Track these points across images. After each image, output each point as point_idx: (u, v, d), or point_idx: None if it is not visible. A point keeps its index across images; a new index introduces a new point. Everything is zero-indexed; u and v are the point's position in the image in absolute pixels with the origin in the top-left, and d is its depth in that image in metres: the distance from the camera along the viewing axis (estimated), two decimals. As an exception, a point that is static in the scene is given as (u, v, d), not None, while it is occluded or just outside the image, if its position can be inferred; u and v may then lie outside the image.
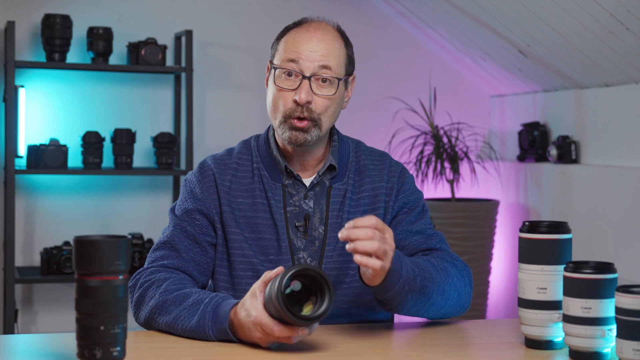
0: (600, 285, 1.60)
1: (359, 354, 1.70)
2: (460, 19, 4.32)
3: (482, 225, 4.46)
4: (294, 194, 1.98)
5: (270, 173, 1.99)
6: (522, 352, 1.71)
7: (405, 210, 2.01)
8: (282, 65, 1.94)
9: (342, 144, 2.04)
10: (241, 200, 1.97)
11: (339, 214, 1.97)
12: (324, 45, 1.94)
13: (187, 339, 1.78)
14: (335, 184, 1.99)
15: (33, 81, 4.40)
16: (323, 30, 1.97)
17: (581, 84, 4.17)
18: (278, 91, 1.95)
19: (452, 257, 1.95)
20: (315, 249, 1.95)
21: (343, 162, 2.02)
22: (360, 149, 2.07)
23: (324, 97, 1.93)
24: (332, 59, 1.94)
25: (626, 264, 3.57)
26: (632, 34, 3.45)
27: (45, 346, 1.72)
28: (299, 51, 1.93)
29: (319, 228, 1.96)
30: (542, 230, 1.70)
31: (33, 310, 4.45)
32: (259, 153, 2.02)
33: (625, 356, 1.53)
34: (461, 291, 1.91)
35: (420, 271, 1.80)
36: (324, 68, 1.93)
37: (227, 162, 2.01)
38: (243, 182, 1.99)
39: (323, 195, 1.98)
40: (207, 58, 4.67)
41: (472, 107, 5.04)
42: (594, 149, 4.10)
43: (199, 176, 2.00)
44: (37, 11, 4.39)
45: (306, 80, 1.92)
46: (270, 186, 1.98)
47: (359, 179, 2.01)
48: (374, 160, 2.05)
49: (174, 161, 4.39)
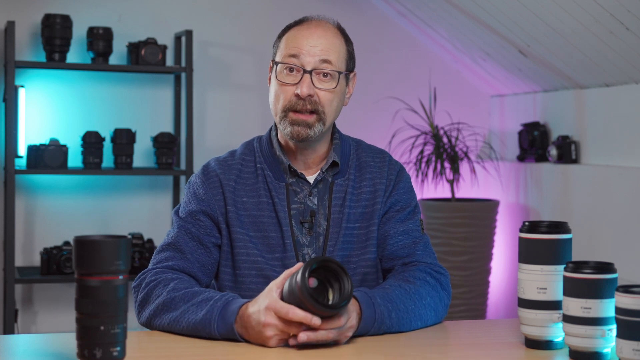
0: (600, 285, 1.60)
1: (359, 354, 1.70)
2: (460, 19, 4.32)
3: (482, 225, 4.46)
4: (299, 191, 2.01)
5: (274, 172, 2.01)
6: (522, 352, 1.71)
7: (397, 208, 2.04)
8: (284, 61, 1.97)
9: (343, 142, 2.07)
10: (246, 200, 1.99)
11: (340, 209, 2.00)
12: (324, 41, 1.98)
13: (187, 337, 1.78)
14: (337, 180, 2.02)
15: (33, 81, 4.40)
16: (323, 27, 2.01)
17: (581, 84, 4.17)
18: (280, 86, 1.98)
19: (426, 272, 1.98)
20: (319, 245, 1.98)
21: (344, 158, 2.05)
22: (360, 146, 2.10)
23: (326, 91, 1.96)
24: (333, 53, 1.98)
25: (626, 264, 3.57)
26: (632, 34, 3.45)
27: (45, 346, 1.72)
28: (299, 46, 1.97)
29: (322, 224, 1.99)
30: (542, 230, 1.70)
31: (33, 310, 4.45)
32: (262, 153, 2.04)
33: (625, 356, 1.53)
34: (437, 308, 1.94)
35: (394, 306, 1.84)
36: (324, 62, 1.96)
37: (231, 163, 2.03)
38: (247, 182, 2.01)
39: (326, 192, 2.01)
40: (207, 58, 4.67)
41: (472, 107, 5.04)
42: (594, 149, 4.10)
43: (202, 178, 2.02)
44: (37, 11, 4.39)
45: (307, 74, 1.95)
46: (274, 185, 2.00)
47: (359, 175, 2.04)
48: (374, 158, 2.08)
49: (174, 161, 4.39)
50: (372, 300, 1.80)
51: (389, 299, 1.84)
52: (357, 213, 2.01)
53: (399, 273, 1.98)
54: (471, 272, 4.43)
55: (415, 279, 1.95)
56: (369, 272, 2.01)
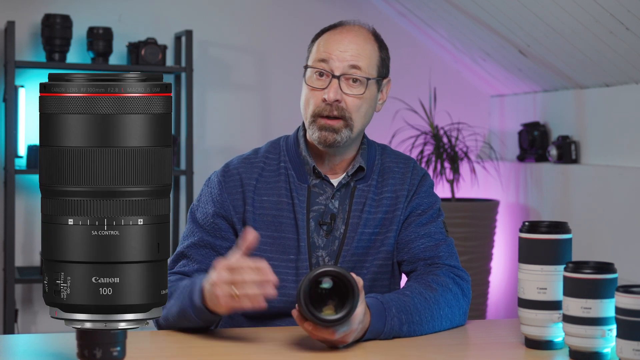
0: (600, 285, 1.60)
1: (360, 353, 1.70)
2: (460, 19, 4.32)
3: (482, 225, 4.46)
4: (321, 193, 1.99)
5: (298, 173, 2.00)
6: (522, 352, 1.71)
7: (419, 212, 2.02)
8: (314, 65, 1.97)
9: (369, 147, 2.06)
10: (265, 199, 1.98)
11: (360, 215, 1.98)
12: (355, 46, 1.97)
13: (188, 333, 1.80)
14: (359, 185, 2.01)
15: (33, 81, 4.40)
16: (356, 32, 2.00)
17: (581, 84, 4.17)
18: (309, 91, 1.97)
19: (449, 277, 1.95)
20: (334, 248, 1.97)
21: (370, 164, 2.03)
22: (385, 152, 2.08)
23: (353, 97, 1.95)
24: (363, 59, 1.97)
25: (626, 264, 3.57)
26: (632, 34, 3.45)
27: (45, 346, 1.72)
28: (330, 51, 1.96)
29: (340, 228, 1.98)
30: (542, 231, 1.70)
31: (33, 310, 4.45)
32: (287, 153, 2.03)
33: (625, 356, 1.53)
34: (454, 317, 1.91)
35: (408, 318, 1.81)
36: (353, 68, 1.95)
37: (254, 161, 2.02)
38: (269, 181, 2.00)
39: (347, 196, 2.00)
40: (207, 58, 4.67)
41: (472, 107, 5.04)
42: (594, 149, 4.10)
43: (221, 177, 2.00)
44: (37, 11, 4.39)
45: (335, 79, 1.95)
46: (296, 186, 1.99)
47: (381, 180, 2.03)
48: (399, 163, 2.06)
49: (174, 161, 4.39)
50: (386, 312, 1.78)
51: (405, 309, 1.81)
52: (376, 219, 1.99)
53: (423, 275, 1.95)
54: (471, 272, 4.42)
55: (438, 285, 1.91)
56: (380, 278, 1.99)
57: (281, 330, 1.86)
